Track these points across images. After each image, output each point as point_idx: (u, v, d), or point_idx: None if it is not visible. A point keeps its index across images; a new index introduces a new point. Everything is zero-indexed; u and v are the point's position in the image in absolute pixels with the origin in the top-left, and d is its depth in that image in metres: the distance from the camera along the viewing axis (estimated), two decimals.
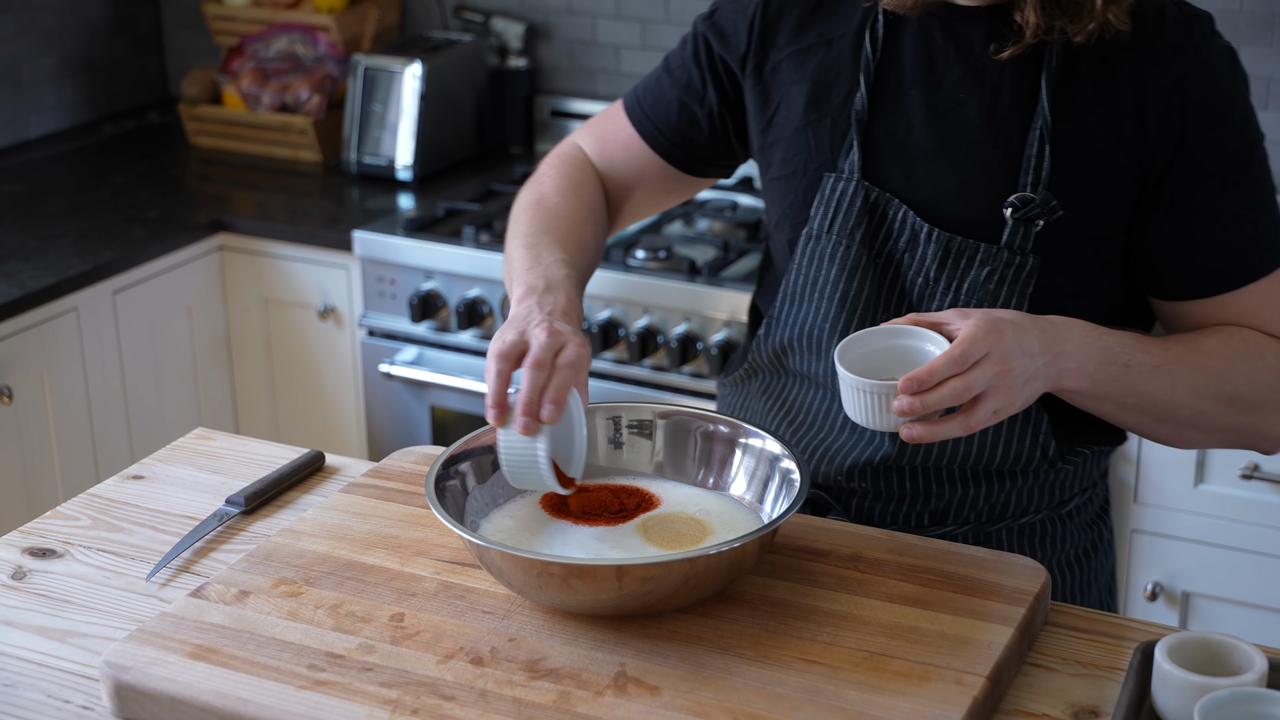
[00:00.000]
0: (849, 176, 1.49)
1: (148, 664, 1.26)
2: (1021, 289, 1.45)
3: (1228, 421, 1.45)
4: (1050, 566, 1.56)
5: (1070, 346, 1.37)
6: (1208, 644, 1.21)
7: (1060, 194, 1.43)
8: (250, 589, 1.36)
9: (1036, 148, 1.43)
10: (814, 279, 1.51)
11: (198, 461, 1.69)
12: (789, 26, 1.53)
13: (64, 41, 3.53)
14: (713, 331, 2.67)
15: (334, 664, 1.26)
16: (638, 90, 1.66)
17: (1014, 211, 1.43)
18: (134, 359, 2.94)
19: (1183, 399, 1.42)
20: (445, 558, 1.41)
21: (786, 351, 1.55)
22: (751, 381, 1.62)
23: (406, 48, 3.30)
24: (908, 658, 1.25)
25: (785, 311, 1.54)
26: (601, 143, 1.67)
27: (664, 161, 1.64)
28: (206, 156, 3.45)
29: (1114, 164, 1.43)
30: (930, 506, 1.53)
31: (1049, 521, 1.56)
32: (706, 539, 1.37)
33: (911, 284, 1.48)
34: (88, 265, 2.81)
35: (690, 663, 1.25)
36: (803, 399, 1.55)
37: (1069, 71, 1.43)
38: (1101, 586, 1.62)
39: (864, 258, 1.49)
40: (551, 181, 1.62)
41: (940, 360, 1.29)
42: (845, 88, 1.50)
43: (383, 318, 2.94)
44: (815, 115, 1.51)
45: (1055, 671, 1.30)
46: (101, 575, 1.47)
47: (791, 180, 1.53)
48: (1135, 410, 1.43)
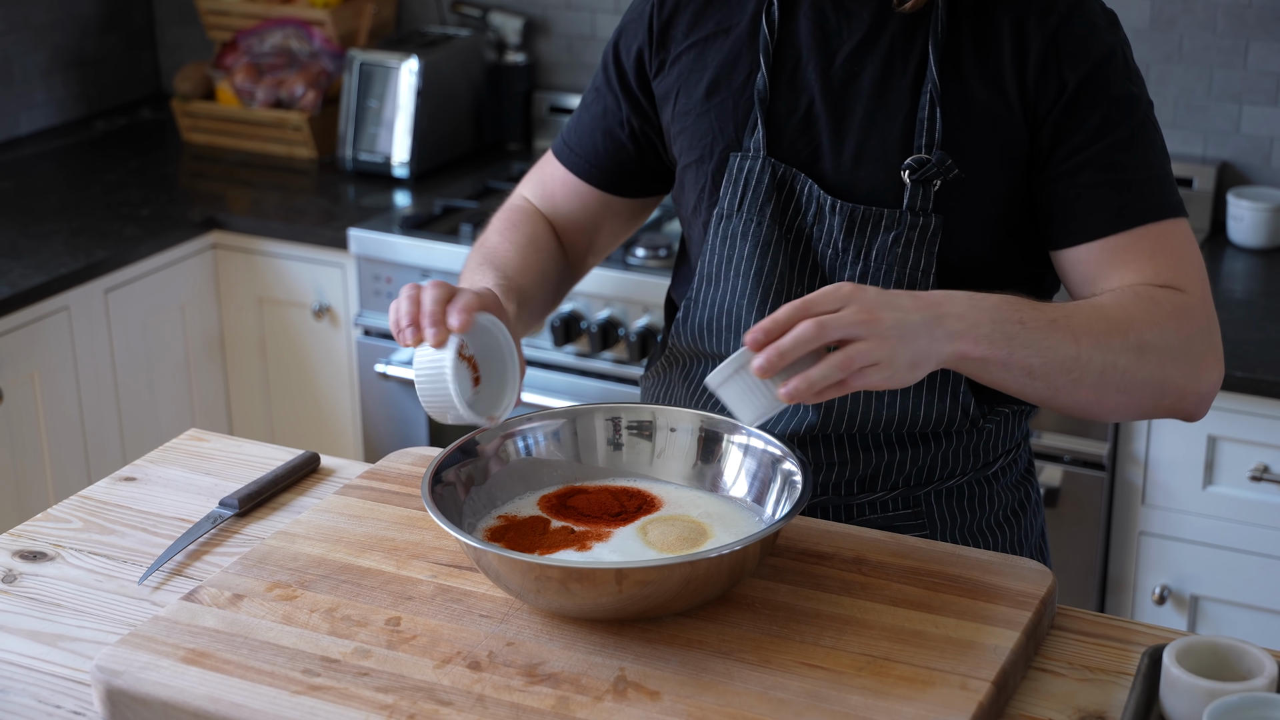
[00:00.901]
0: (754, 154, 1.54)
1: (140, 669, 1.26)
2: (929, 250, 1.49)
3: (1143, 374, 1.41)
4: (980, 527, 1.60)
5: (953, 309, 1.34)
6: (1217, 648, 1.22)
7: (954, 154, 1.48)
8: (244, 592, 1.36)
9: (928, 110, 1.49)
10: (728, 257, 1.56)
11: (191, 463, 1.69)
12: (685, 21, 1.60)
13: (55, 36, 3.53)
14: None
15: (329, 669, 1.26)
16: (564, 134, 1.73)
17: (911, 173, 1.49)
18: (126, 359, 2.94)
19: (1089, 352, 1.39)
20: (442, 561, 1.41)
21: (706, 333, 1.59)
22: (672, 370, 1.66)
23: (403, 43, 3.30)
24: (912, 662, 1.25)
25: (702, 293, 1.58)
26: (542, 187, 1.74)
27: (602, 192, 1.71)
28: (200, 153, 3.45)
29: (1002, 120, 1.49)
30: (859, 473, 1.56)
31: (976, 483, 1.60)
32: (707, 541, 1.37)
33: (822, 256, 1.53)
34: (79, 264, 2.81)
35: (691, 667, 1.25)
36: None
37: (954, 33, 1.50)
38: (1032, 546, 1.66)
39: (775, 233, 1.54)
40: (494, 226, 1.70)
41: (783, 309, 1.29)
42: (745, 70, 1.56)
43: (379, 317, 2.94)
44: (717, 99, 1.57)
45: (1062, 676, 1.30)
46: (93, 578, 1.47)
47: (700, 165, 1.58)
48: (1045, 375, 1.39)
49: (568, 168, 1.71)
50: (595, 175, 1.70)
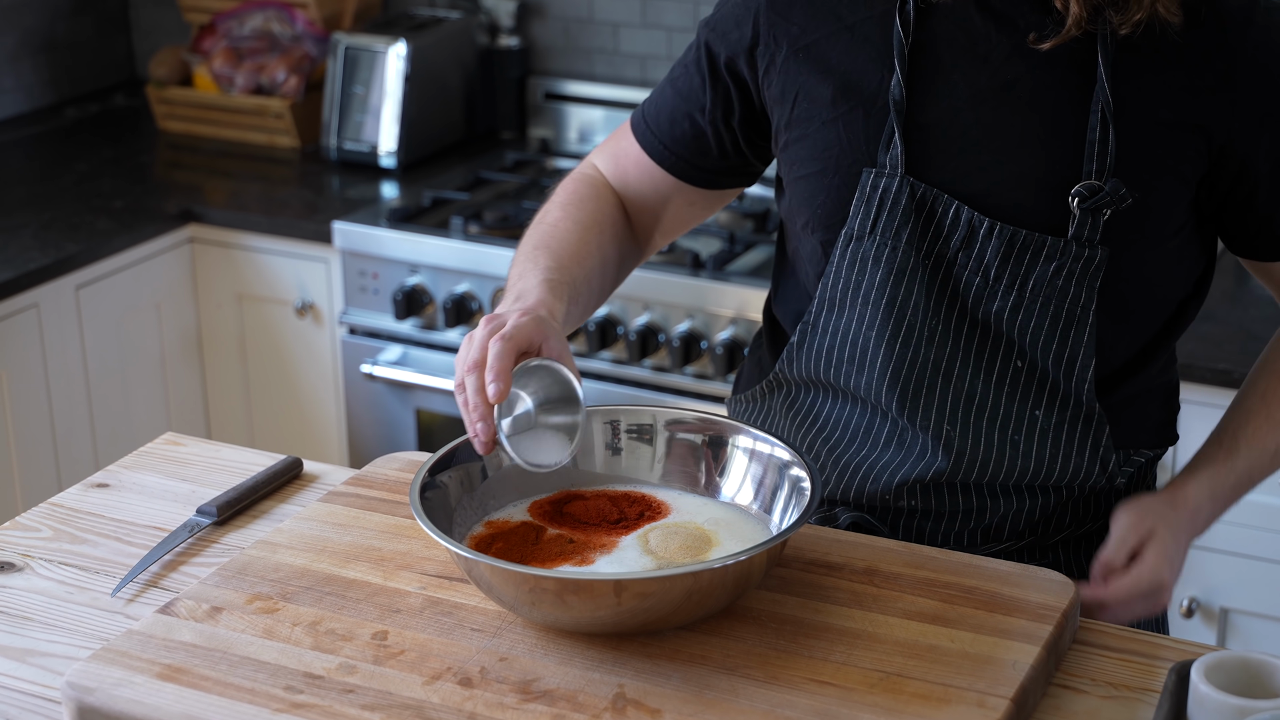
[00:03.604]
0: (891, 172, 1.46)
1: (113, 685, 1.26)
2: (1090, 283, 1.44)
3: None
4: None
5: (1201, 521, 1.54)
6: (1247, 664, 1.22)
7: (1128, 179, 1.42)
8: (223, 605, 1.37)
9: (1099, 131, 1.42)
10: (855, 283, 1.49)
11: (167, 469, 1.69)
12: (801, 14, 1.51)
13: (24, 19, 3.53)
14: (717, 330, 2.67)
15: (313, 685, 1.26)
16: (643, 106, 1.66)
17: (1081, 201, 1.42)
18: (99, 359, 2.94)
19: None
20: (431, 571, 1.41)
21: (824, 363, 1.53)
22: (773, 396, 1.60)
23: (390, 26, 3.30)
24: (926, 678, 1.26)
25: (823, 319, 1.52)
26: (615, 161, 1.67)
27: (675, 178, 1.64)
28: (176, 142, 3.45)
29: (1181, 141, 1.43)
30: (984, 523, 1.53)
31: (1106, 531, 1.55)
32: (711, 551, 1.37)
33: (967, 284, 1.47)
34: (49, 259, 2.81)
35: (694, 684, 1.25)
36: (840, 414, 1.54)
37: (1128, 46, 1.42)
38: None
39: (911, 259, 1.47)
40: (557, 199, 1.64)
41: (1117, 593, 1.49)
42: (877, 75, 1.47)
43: (365, 314, 2.95)
44: (846, 106, 1.49)
45: (1084, 693, 1.30)
46: (64, 590, 1.47)
47: (822, 178, 1.50)
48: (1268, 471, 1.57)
49: (644, 147, 1.64)
50: (670, 160, 1.63)
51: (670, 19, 3.30)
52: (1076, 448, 1.50)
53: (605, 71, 3.39)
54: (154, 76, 3.50)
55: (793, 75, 1.51)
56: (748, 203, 3.03)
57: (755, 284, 2.66)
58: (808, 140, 1.51)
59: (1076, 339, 1.46)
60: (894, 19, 1.47)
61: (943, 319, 1.48)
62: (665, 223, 1.68)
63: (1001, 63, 1.44)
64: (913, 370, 1.48)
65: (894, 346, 1.48)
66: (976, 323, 1.47)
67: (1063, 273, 1.44)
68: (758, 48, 1.53)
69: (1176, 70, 1.42)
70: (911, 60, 1.46)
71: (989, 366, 1.48)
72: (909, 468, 1.50)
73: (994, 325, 1.47)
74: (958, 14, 1.45)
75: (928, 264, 1.47)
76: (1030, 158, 1.44)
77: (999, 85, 1.44)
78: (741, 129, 1.59)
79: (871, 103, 1.47)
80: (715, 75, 1.57)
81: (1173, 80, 1.42)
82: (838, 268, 1.50)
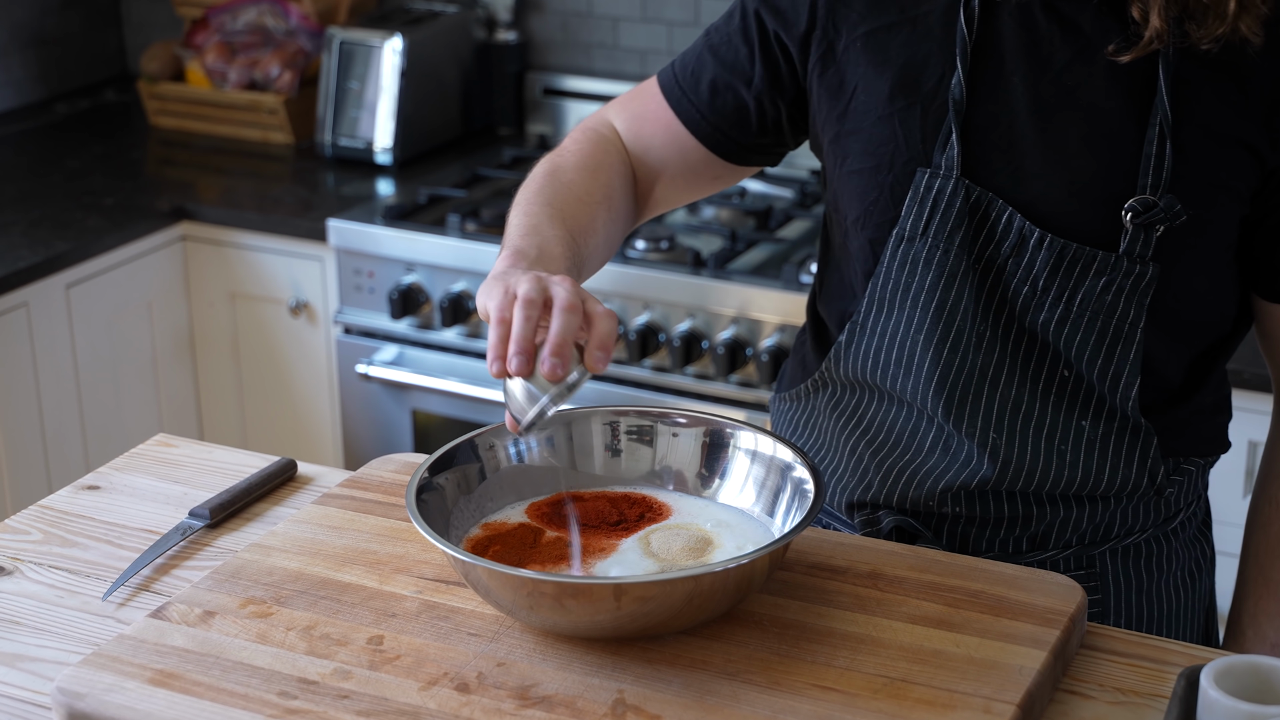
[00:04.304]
0: (947, 173, 1.44)
1: (104, 691, 1.26)
2: (1139, 301, 1.43)
3: None
4: (1159, 590, 1.56)
5: None
6: (1258, 669, 1.22)
7: (1183, 196, 1.41)
8: (216, 609, 1.37)
9: (1156, 145, 1.40)
10: (906, 285, 1.48)
11: (158, 470, 1.69)
12: (861, 2, 1.49)
13: (13, 13, 3.53)
14: (719, 329, 2.67)
15: (307, 691, 1.26)
16: (675, 67, 1.62)
17: (1134, 216, 1.40)
18: (89, 359, 2.94)
19: None
20: (428, 575, 1.41)
21: (871, 364, 1.52)
22: (817, 396, 1.59)
23: (386, 20, 3.30)
24: (931, 684, 1.25)
25: (871, 320, 1.51)
26: (636, 121, 1.63)
27: (705, 148, 1.61)
28: (168, 138, 3.45)
29: (1239, 161, 1.42)
30: (1030, 530, 1.52)
31: (1155, 540, 1.55)
32: (713, 553, 1.37)
33: (1016, 293, 1.45)
34: (39, 257, 2.81)
35: (695, 689, 1.25)
36: (885, 417, 1.53)
37: (1186, 55, 1.40)
38: (1206, 610, 1.62)
39: (963, 263, 1.45)
40: (573, 155, 1.59)
41: None
42: (937, 72, 1.45)
43: (360, 314, 2.95)
44: (903, 102, 1.46)
45: (1092, 699, 1.30)
46: (54, 594, 1.47)
47: (875, 174, 1.48)
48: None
49: (675, 110, 1.60)
50: (704, 129, 1.59)
51: (671, 13, 3.30)
52: (1124, 459, 1.48)
53: (605, 66, 3.39)
54: (145, 71, 3.50)
55: (850, 65, 1.49)
56: (750, 200, 3.03)
57: (757, 283, 2.66)
58: (862, 134, 1.49)
59: (1123, 355, 1.45)
60: (958, 14, 1.45)
61: (990, 325, 1.46)
62: (675, 191, 1.65)
63: (1062, 68, 1.42)
64: (959, 376, 1.47)
65: (941, 351, 1.47)
66: (1024, 331, 1.46)
67: (1112, 288, 1.43)
68: (814, 32, 1.51)
69: (1238, 88, 1.40)
70: (974, 58, 1.45)
71: (1035, 375, 1.47)
72: (954, 474, 1.49)
73: (1041, 335, 1.46)
74: (1023, 14, 1.43)
75: (978, 269, 1.46)
76: (1085, 168, 1.43)
77: (1059, 91, 1.42)
78: (788, 108, 1.56)
79: (930, 100, 1.46)
80: (766, 48, 1.55)
81: (1233, 98, 1.40)
82: (888, 268, 1.49)
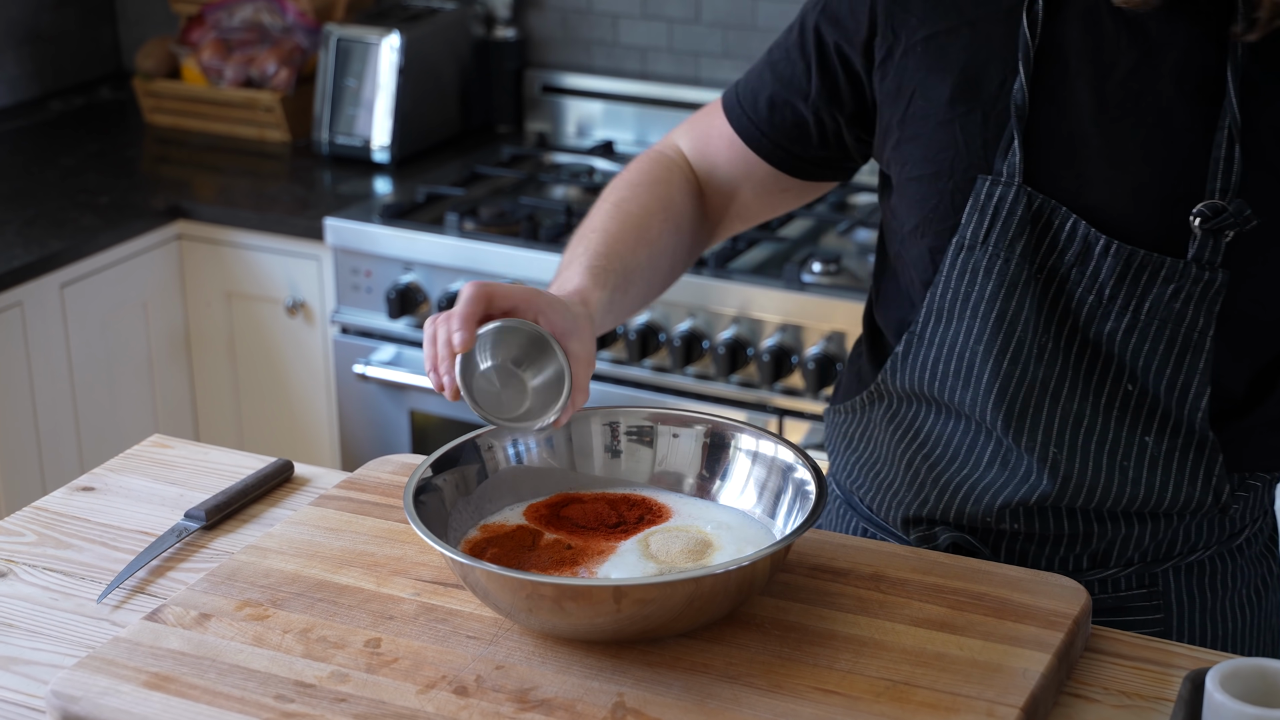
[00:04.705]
0: (1009, 180, 1.42)
1: (99, 694, 1.26)
2: (1209, 308, 1.41)
3: None
4: (1224, 608, 1.54)
5: None
6: (1264, 672, 1.21)
7: (1254, 201, 1.39)
8: (211, 612, 1.36)
9: (1225, 149, 1.38)
10: (965, 294, 1.46)
11: (154, 471, 1.69)
12: (920, 5, 1.47)
13: (7, 10, 3.53)
14: (719, 329, 2.67)
15: (304, 694, 1.26)
16: (738, 85, 1.62)
17: (1203, 221, 1.38)
18: (84, 359, 2.94)
19: None
20: (426, 577, 1.41)
21: (929, 375, 1.50)
22: (873, 408, 1.57)
23: (383, 17, 3.30)
24: (934, 687, 1.25)
25: (929, 330, 1.49)
26: (701, 141, 1.64)
27: (768, 164, 1.61)
28: (164, 136, 3.45)
29: None
30: (1090, 548, 1.50)
31: (1219, 557, 1.53)
32: (713, 555, 1.37)
33: (1080, 302, 1.43)
34: (33, 256, 2.81)
35: (695, 693, 1.25)
36: (943, 430, 1.51)
37: (1256, 57, 1.38)
38: (1274, 628, 1.59)
39: (1024, 272, 1.44)
40: (626, 177, 1.61)
41: None
42: (999, 76, 1.43)
43: (357, 313, 2.94)
44: (964, 108, 1.44)
45: (1096, 702, 1.30)
46: (48, 596, 1.47)
47: (935, 181, 1.46)
48: None
49: (736, 129, 1.60)
50: (765, 146, 1.59)
51: (671, 10, 3.30)
52: (1188, 476, 1.46)
53: (604, 64, 3.39)
54: (141, 69, 3.50)
55: (910, 70, 1.47)
56: None
57: (758, 282, 2.66)
58: (921, 140, 1.47)
59: (1192, 365, 1.43)
60: (1020, 18, 1.43)
61: (1053, 336, 1.45)
62: (748, 207, 1.65)
63: (1128, 72, 1.40)
64: (1020, 388, 1.45)
65: (1001, 363, 1.45)
66: (1087, 342, 1.44)
67: (1180, 295, 1.41)
68: (875, 38, 1.49)
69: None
70: (1036, 62, 1.43)
71: (1098, 388, 1.45)
72: (1012, 489, 1.47)
73: (1105, 346, 1.44)
74: (1088, 17, 1.41)
75: (1040, 278, 1.44)
76: (1151, 172, 1.41)
77: (1125, 95, 1.41)
78: (847, 121, 1.55)
79: (991, 105, 1.44)
80: (824, 62, 1.54)
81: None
82: (947, 277, 1.47)
